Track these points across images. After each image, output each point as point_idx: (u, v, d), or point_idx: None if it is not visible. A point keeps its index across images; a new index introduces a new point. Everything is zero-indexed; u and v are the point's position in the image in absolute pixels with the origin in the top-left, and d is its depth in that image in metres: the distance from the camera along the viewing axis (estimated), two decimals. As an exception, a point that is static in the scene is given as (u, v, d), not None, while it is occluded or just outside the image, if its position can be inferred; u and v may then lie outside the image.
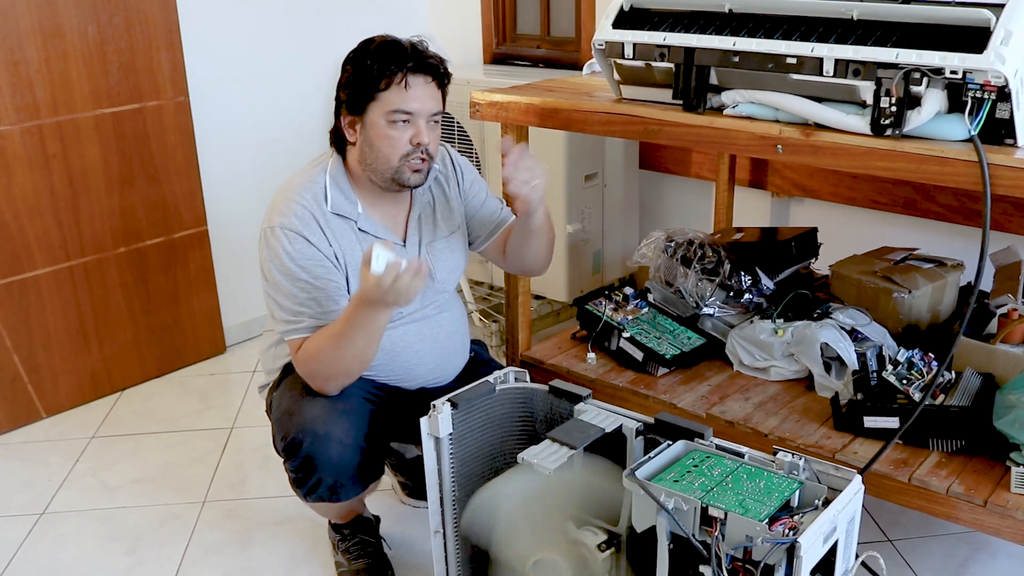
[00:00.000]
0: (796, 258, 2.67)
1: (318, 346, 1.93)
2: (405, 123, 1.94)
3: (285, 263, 1.95)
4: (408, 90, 1.92)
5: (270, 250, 1.98)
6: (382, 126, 1.94)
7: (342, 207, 2.01)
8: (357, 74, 1.95)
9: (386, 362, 2.07)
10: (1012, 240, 2.63)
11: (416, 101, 1.93)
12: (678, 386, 2.37)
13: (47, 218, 2.92)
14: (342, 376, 1.97)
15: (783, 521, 1.41)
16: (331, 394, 1.98)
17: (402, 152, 1.95)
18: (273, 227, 1.98)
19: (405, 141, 1.94)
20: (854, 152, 1.84)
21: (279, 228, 1.97)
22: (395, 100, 1.92)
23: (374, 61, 1.92)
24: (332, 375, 1.96)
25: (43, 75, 2.83)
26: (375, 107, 1.94)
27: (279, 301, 1.97)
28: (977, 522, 1.89)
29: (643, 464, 1.54)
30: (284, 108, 3.52)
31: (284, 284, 1.96)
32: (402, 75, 1.91)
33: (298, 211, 1.97)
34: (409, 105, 1.92)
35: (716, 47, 2.00)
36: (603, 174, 3.28)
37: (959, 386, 2.06)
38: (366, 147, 1.98)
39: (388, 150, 1.95)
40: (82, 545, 2.40)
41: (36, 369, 2.99)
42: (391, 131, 1.94)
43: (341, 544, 2.23)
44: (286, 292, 1.96)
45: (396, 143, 1.94)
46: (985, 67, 1.67)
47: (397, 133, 1.94)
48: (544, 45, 3.69)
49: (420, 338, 2.11)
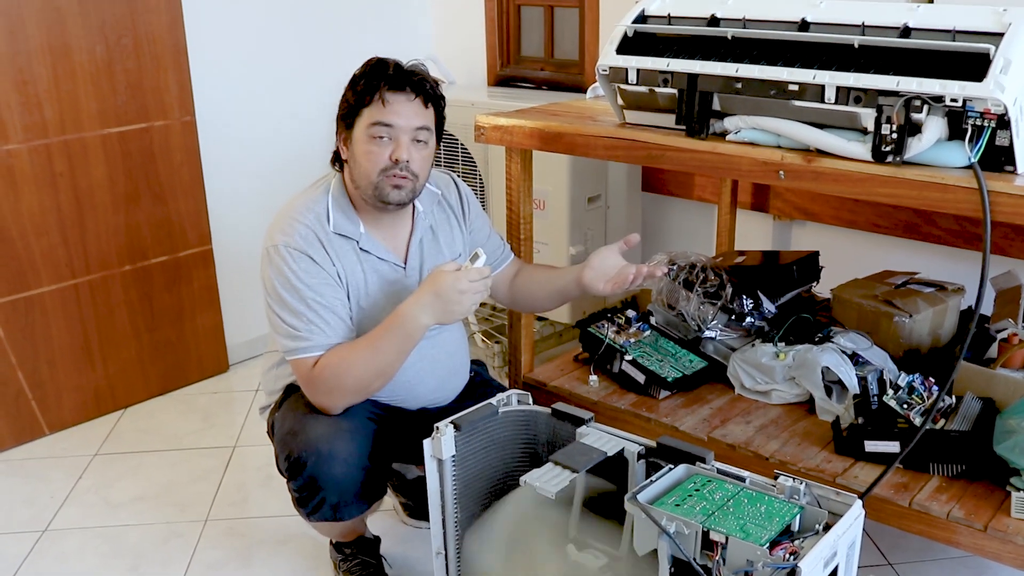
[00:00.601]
0: (798, 282, 2.68)
1: (344, 359, 1.94)
2: (385, 139, 1.97)
3: (291, 281, 1.96)
4: (387, 105, 1.96)
5: (274, 268, 1.99)
6: (363, 140, 1.98)
7: (344, 227, 2.03)
8: (348, 93, 2.01)
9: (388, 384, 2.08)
10: (1013, 264, 2.65)
11: (395, 115, 1.96)
12: (680, 409, 2.38)
13: (53, 236, 2.94)
14: (360, 391, 1.98)
15: (784, 546, 1.42)
16: (336, 412, 1.99)
17: (380, 167, 1.97)
18: (276, 245, 1.99)
19: (384, 156, 1.97)
20: (855, 178, 1.85)
21: (283, 247, 1.98)
22: (375, 114, 1.96)
23: (361, 79, 1.99)
24: (352, 390, 1.96)
25: (51, 94, 2.85)
26: (359, 123, 1.99)
27: (285, 319, 1.98)
28: (977, 547, 1.89)
29: (645, 488, 1.55)
30: (289, 128, 3.55)
31: (290, 302, 1.97)
32: (380, 91, 1.96)
33: (301, 230, 1.99)
34: (387, 118, 1.96)
35: (719, 73, 2.02)
36: (606, 196, 3.30)
37: (959, 411, 2.07)
38: (352, 163, 2.02)
39: (368, 164, 1.98)
40: (84, 562, 2.41)
41: (40, 385, 3.00)
42: (371, 146, 1.97)
43: (343, 564, 2.23)
44: (292, 310, 1.97)
45: (375, 157, 1.97)
46: (985, 95, 1.69)
47: (377, 148, 1.97)
48: (548, 67, 3.71)
49: (421, 358, 2.12)
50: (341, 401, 1.98)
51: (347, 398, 1.98)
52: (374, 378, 1.96)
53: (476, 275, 1.90)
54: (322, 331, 1.96)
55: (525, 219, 2.49)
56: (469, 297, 1.90)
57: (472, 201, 2.27)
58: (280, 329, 2.00)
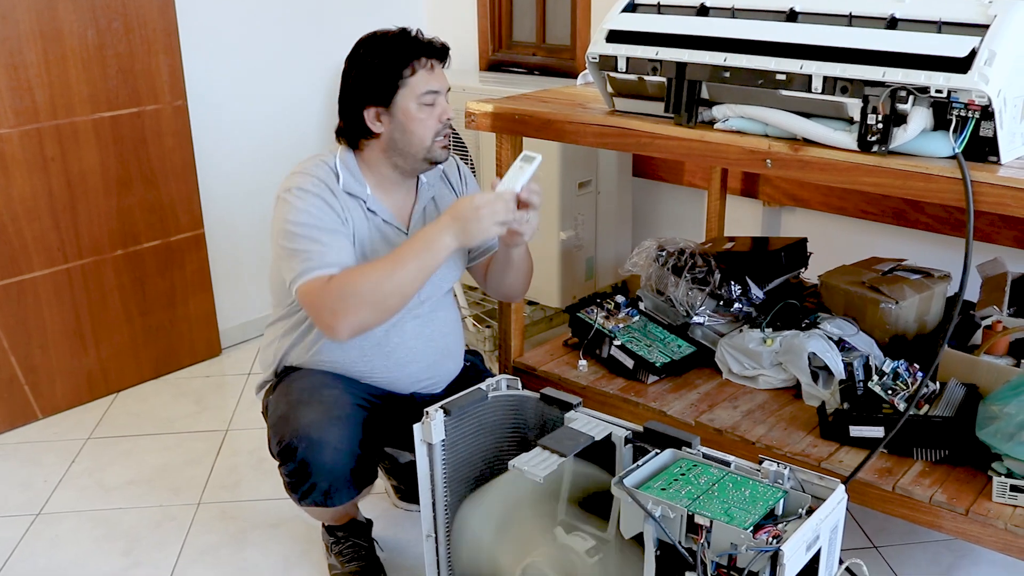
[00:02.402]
0: (786, 268, 2.70)
1: (361, 270, 1.97)
2: (434, 104, 2.05)
3: (303, 216, 2.00)
4: (434, 70, 2.06)
5: (287, 207, 2.02)
6: (413, 110, 2.03)
7: (352, 187, 2.08)
8: (378, 67, 2.02)
9: (381, 356, 2.11)
10: (999, 251, 2.67)
11: (439, 81, 2.07)
12: (668, 394, 2.41)
13: (45, 220, 2.94)
14: (376, 304, 1.94)
15: (767, 529, 1.44)
16: (345, 333, 1.96)
17: (434, 131, 2.06)
18: (290, 189, 2.03)
19: (435, 120, 2.05)
20: (841, 167, 1.87)
21: (296, 190, 2.03)
22: (424, 83, 2.03)
23: (394, 51, 2.03)
24: (367, 299, 1.93)
25: (42, 79, 2.85)
26: (404, 94, 2.03)
27: (297, 248, 1.98)
28: (959, 530, 1.92)
29: (631, 472, 1.57)
30: (281, 112, 3.55)
31: (302, 232, 1.99)
32: (426, 59, 2.04)
33: (314, 180, 2.04)
34: (436, 84, 2.05)
35: (707, 62, 2.04)
36: (597, 181, 3.31)
37: (943, 397, 2.09)
38: (397, 134, 2.05)
39: (422, 131, 2.05)
40: (78, 546, 2.43)
41: (33, 370, 3.02)
42: (422, 113, 2.04)
43: (335, 547, 2.26)
44: (306, 237, 1.99)
45: (428, 123, 2.05)
46: (969, 87, 1.71)
47: (427, 115, 2.04)
48: (540, 52, 3.72)
49: (415, 336, 2.14)
50: (355, 316, 1.94)
51: (361, 312, 1.94)
52: (391, 294, 1.94)
53: (493, 194, 1.95)
54: (336, 251, 1.99)
55: (515, 205, 2.51)
56: (487, 213, 1.92)
57: (470, 181, 2.32)
58: (292, 259, 1.98)
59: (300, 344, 2.14)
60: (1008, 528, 1.85)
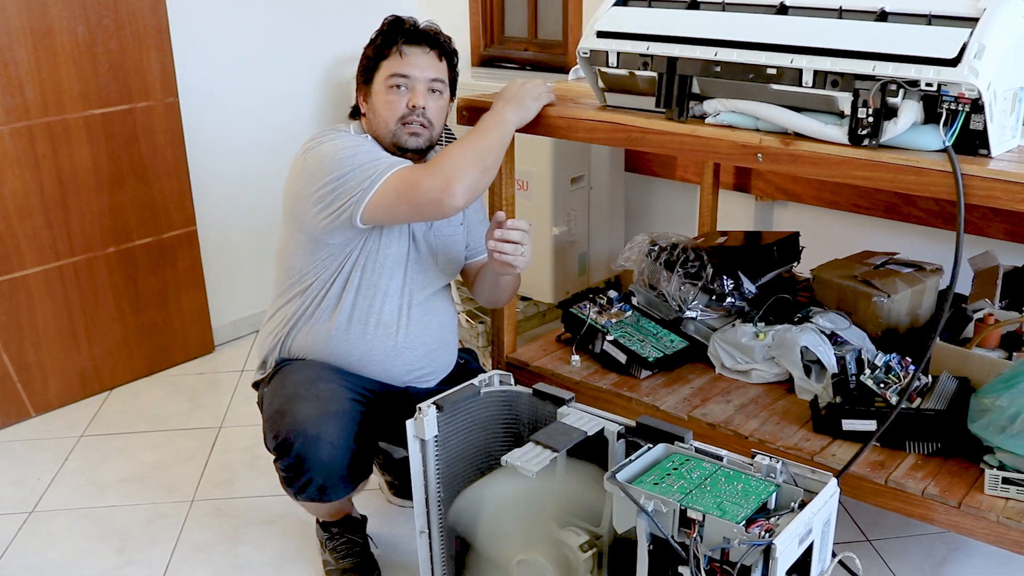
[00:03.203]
0: (778, 262, 2.70)
1: (455, 145, 2.04)
2: (403, 88, 2.09)
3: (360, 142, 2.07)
4: (404, 57, 2.09)
5: (329, 145, 2.05)
6: (382, 92, 2.10)
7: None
8: (367, 51, 2.13)
9: (380, 337, 2.13)
10: (991, 244, 2.68)
11: (412, 67, 2.09)
12: (661, 388, 2.41)
13: (37, 218, 2.94)
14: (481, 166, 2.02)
15: (760, 523, 1.45)
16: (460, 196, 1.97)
17: (399, 115, 2.09)
18: (320, 140, 2.08)
19: (402, 105, 2.09)
20: (832, 161, 1.87)
21: (328, 135, 2.09)
22: (392, 66, 2.09)
23: (379, 36, 2.12)
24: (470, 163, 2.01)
25: (33, 76, 2.85)
26: (378, 76, 2.12)
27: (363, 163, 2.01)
28: (952, 523, 1.92)
29: (624, 467, 1.57)
30: (273, 109, 3.55)
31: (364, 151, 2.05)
32: (398, 44, 2.09)
33: (341, 132, 2.12)
34: (405, 69, 2.09)
35: (698, 57, 2.04)
36: (589, 176, 3.31)
37: (935, 390, 2.10)
38: (371, 114, 2.13)
39: (387, 113, 2.10)
40: (71, 543, 2.43)
41: (26, 368, 3.01)
42: (390, 95, 2.09)
43: (329, 543, 2.26)
44: (369, 153, 2.05)
45: (394, 106, 2.09)
46: (959, 80, 1.71)
47: (395, 97, 2.09)
48: (532, 48, 3.72)
49: (412, 322, 2.17)
50: (468, 176, 1.99)
51: (471, 172, 1.99)
52: (488, 153, 2.05)
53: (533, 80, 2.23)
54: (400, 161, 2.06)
55: (507, 200, 2.50)
56: (529, 88, 2.19)
57: None
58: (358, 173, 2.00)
59: (304, 327, 2.15)
60: (1000, 520, 1.85)
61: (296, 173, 2.09)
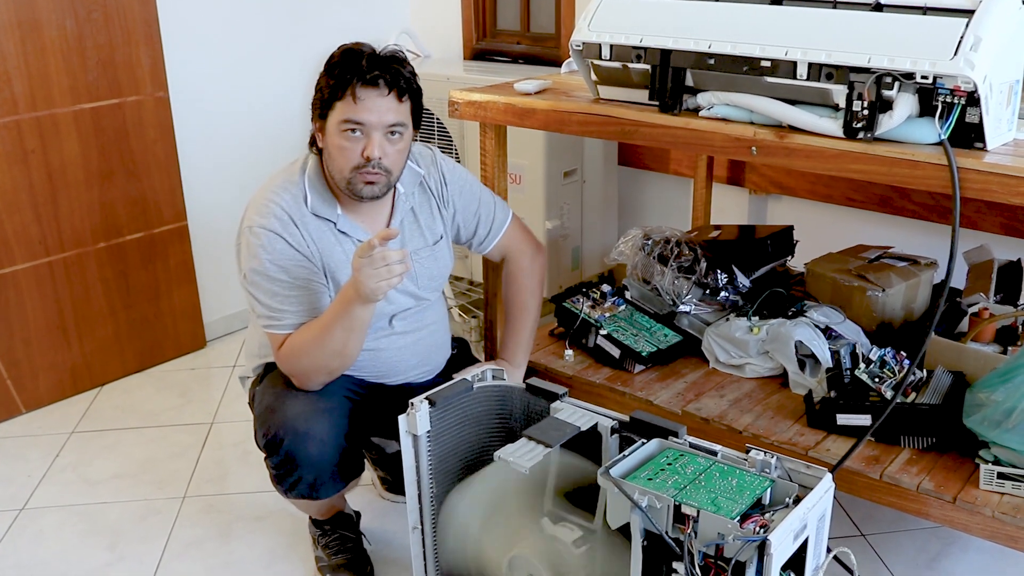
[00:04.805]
0: (772, 256, 2.70)
1: (301, 341, 1.96)
2: (357, 134, 1.92)
3: (264, 263, 1.96)
4: (359, 102, 1.90)
5: (249, 249, 1.99)
6: (336, 135, 1.94)
7: (321, 209, 2.02)
8: (321, 82, 1.96)
9: (369, 359, 2.09)
10: (986, 238, 2.67)
11: (367, 112, 1.91)
12: (654, 383, 2.40)
13: (26, 213, 2.92)
14: (322, 373, 1.99)
15: (754, 519, 1.44)
16: (313, 390, 2.00)
17: (353, 164, 1.94)
18: (252, 227, 1.99)
19: (357, 153, 1.93)
20: (827, 155, 1.86)
21: (258, 228, 1.98)
22: (346, 111, 1.91)
23: (334, 69, 1.93)
24: (313, 371, 1.98)
25: (21, 70, 2.82)
26: (332, 116, 1.94)
27: (259, 299, 1.99)
28: (947, 518, 1.92)
29: (618, 462, 1.56)
30: (264, 103, 3.53)
31: (263, 283, 1.97)
32: (352, 86, 1.90)
33: (276, 211, 1.98)
34: (359, 116, 1.91)
35: (692, 49, 2.02)
36: (582, 170, 3.30)
37: (930, 384, 2.09)
38: (326, 154, 1.99)
39: (341, 161, 1.95)
40: (62, 540, 2.41)
41: (16, 364, 2.99)
42: (343, 141, 1.93)
43: (321, 539, 2.25)
44: (265, 290, 1.97)
45: (348, 154, 1.93)
46: (955, 72, 1.70)
47: (349, 144, 1.93)
48: (524, 41, 3.70)
49: (402, 335, 2.14)
50: (307, 381, 2.00)
51: (311, 378, 1.99)
52: (331, 358, 1.95)
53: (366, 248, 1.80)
54: (293, 312, 1.97)
55: (500, 194, 2.49)
56: (365, 274, 1.81)
57: (452, 180, 2.21)
58: (254, 308, 2.01)
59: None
60: (995, 515, 1.85)
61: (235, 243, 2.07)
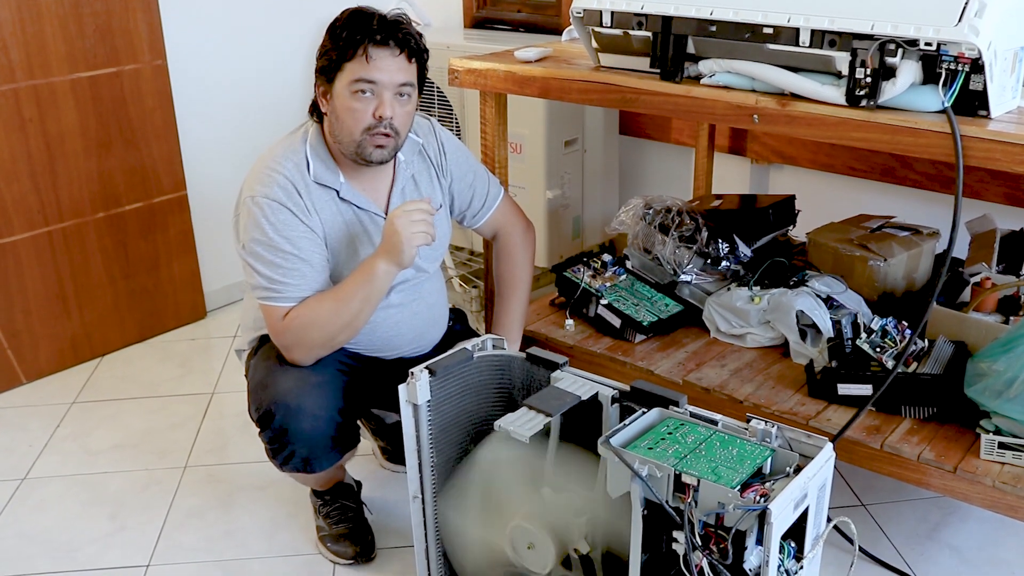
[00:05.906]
0: (774, 225, 2.68)
1: (311, 309, 1.94)
2: (368, 95, 1.91)
3: (268, 234, 1.94)
4: (371, 61, 1.89)
5: (251, 219, 1.96)
6: (346, 97, 1.92)
7: (324, 176, 2.00)
8: (328, 44, 1.94)
9: (366, 332, 2.07)
10: (988, 208, 2.66)
11: (379, 71, 1.90)
12: (655, 353, 2.39)
13: (24, 183, 2.90)
14: (325, 347, 1.98)
15: (755, 488, 1.44)
16: (306, 364, 1.99)
17: (364, 125, 1.93)
18: (254, 196, 1.96)
19: (368, 113, 1.92)
20: (829, 122, 1.85)
21: (260, 198, 1.96)
22: (357, 70, 1.90)
23: (342, 31, 1.91)
24: (319, 344, 1.96)
25: (17, 38, 2.80)
26: (341, 77, 1.92)
27: (258, 270, 1.96)
28: (947, 488, 1.92)
29: (618, 431, 1.56)
30: (263, 71, 3.50)
31: (265, 254, 1.95)
32: (364, 46, 1.89)
33: (280, 180, 1.96)
34: (371, 75, 1.90)
35: (693, 16, 2.00)
36: (583, 139, 3.28)
37: (932, 354, 2.09)
38: (333, 118, 1.97)
39: (351, 122, 1.93)
40: (64, 510, 2.42)
41: (16, 335, 2.99)
42: (354, 103, 1.92)
43: (322, 509, 2.25)
44: (267, 262, 1.95)
45: (359, 115, 1.92)
46: (959, 39, 1.68)
47: (360, 105, 1.92)
48: (525, 9, 3.67)
49: (400, 309, 2.12)
50: (308, 354, 1.98)
51: (313, 351, 1.98)
52: (340, 330, 1.95)
53: (412, 206, 1.90)
54: (295, 284, 1.95)
55: (501, 163, 2.48)
56: (402, 224, 1.87)
57: (451, 151, 2.21)
58: (253, 279, 1.98)
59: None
60: (996, 485, 1.85)
61: (233, 214, 2.06)
